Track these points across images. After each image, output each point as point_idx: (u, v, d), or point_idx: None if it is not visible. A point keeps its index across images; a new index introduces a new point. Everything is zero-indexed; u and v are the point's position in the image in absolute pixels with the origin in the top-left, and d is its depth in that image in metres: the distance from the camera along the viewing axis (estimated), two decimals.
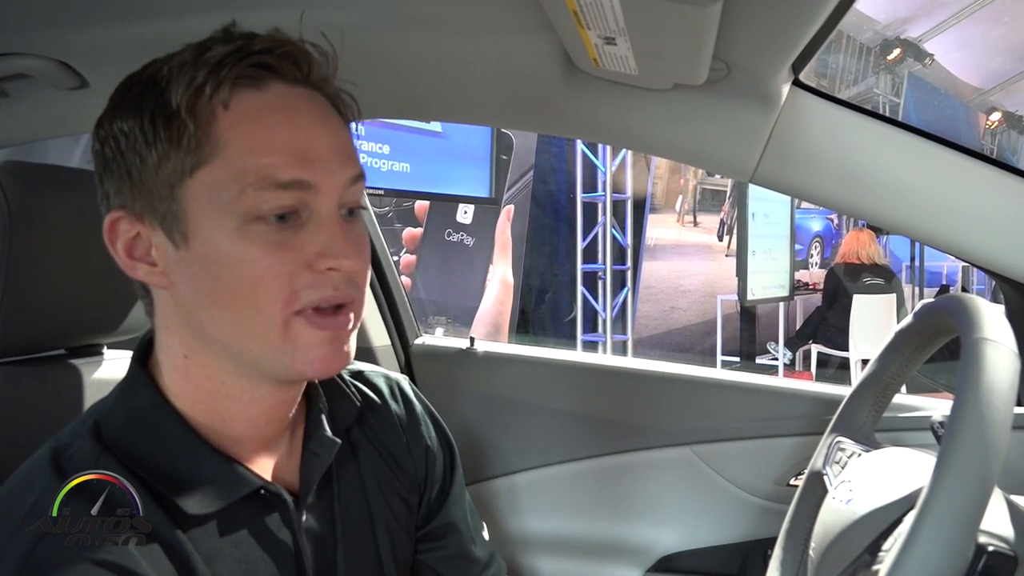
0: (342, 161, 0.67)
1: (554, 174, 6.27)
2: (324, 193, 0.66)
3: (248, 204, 0.63)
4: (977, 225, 0.93)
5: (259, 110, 0.64)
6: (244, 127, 0.64)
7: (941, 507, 0.56)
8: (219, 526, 0.68)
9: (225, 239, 0.64)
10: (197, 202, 0.64)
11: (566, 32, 0.78)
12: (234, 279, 0.64)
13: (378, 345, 1.46)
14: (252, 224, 0.64)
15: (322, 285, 0.66)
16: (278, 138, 0.64)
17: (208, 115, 0.63)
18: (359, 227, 0.70)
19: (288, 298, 0.65)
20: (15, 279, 0.86)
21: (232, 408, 0.71)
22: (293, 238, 0.65)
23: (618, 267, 6.18)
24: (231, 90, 0.64)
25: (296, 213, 0.65)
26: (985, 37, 8.73)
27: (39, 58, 0.98)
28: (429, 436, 0.90)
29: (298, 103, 0.66)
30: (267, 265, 0.64)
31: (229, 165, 0.63)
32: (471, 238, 2.41)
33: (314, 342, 0.66)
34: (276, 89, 0.66)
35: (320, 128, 0.67)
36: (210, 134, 0.63)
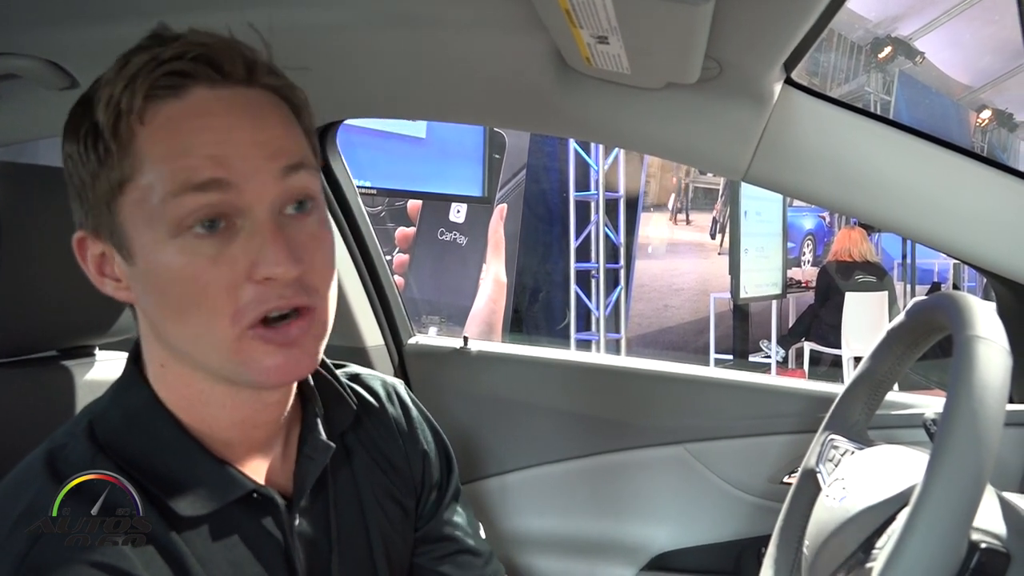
0: (268, 155, 0.64)
1: (547, 173, 6.27)
2: (251, 193, 0.63)
3: (171, 213, 0.62)
4: (968, 223, 0.93)
5: (176, 119, 0.63)
6: (160, 138, 0.62)
7: (934, 504, 0.56)
8: (212, 529, 0.68)
9: (162, 254, 0.63)
10: (130, 218, 0.64)
11: (558, 31, 0.78)
12: (178, 294, 0.63)
13: (371, 345, 1.45)
14: (183, 236, 0.62)
15: (266, 297, 0.63)
16: (193, 143, 0.62)
17: (127, 132, 0.62)
18: (309, 225, 0.67)
19: (235, 315, 0.63)
20: (6, 280, 0.86)
21: (216, 414, 0.70)
22: (227, 249, 0.63)
23: (611, 265, 6.19)
24: (145, 103, 0.62)
25: (228, 220, 0.63)
26: (975, 35, 8.77)
27: (29, 58, 0.98)
28: (426, 440, 0.89)
29: (216, 106, 0.64)
30: (206, 281, 0.62)
31: (150, 178, 0.62)
32: (464, 237, 2.41)
33: (267, 353, 0.65)
34: (195, 94, 0.63)
35: (241, 126, 0.64)
36: (131, 150, 0.62)
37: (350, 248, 1.43)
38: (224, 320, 0.63)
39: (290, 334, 0.65)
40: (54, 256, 0.90)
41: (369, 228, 1.48)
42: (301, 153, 0.67)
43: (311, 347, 0.67)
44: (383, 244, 1.55)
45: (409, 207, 2.32)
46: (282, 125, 0.67)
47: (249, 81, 0.66)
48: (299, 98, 0.70)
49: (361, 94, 1.13)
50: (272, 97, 0.68)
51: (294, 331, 0.65)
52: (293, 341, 0.65)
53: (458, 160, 2.16)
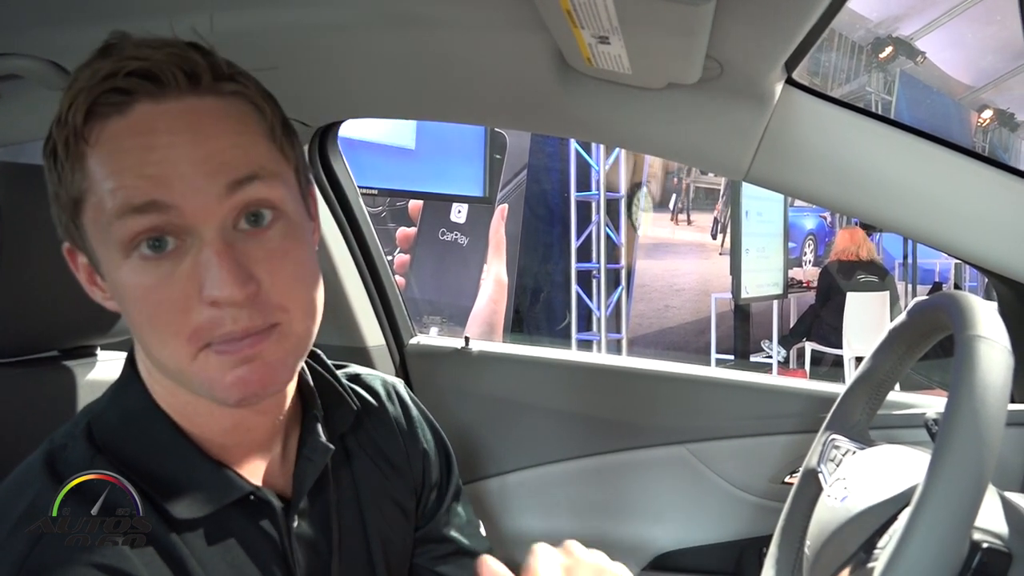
0: (210, 172, 0.60)
1: (548, 173, 6.27)
2: (193, 213, 0.60)
3: (117, 234, 0.60)
4: (970, 223, 0.93)
5: (118, 138, 0.60)
6: (102, 158, 0.60)
7: (936, 504, 0.56)
8: (210, 531, 0.67)
9: (118, 273, 0.62)
10: (91, 236, 0.63)
11: (559, 31, 0.78)
12: (136, 312, 0.63)
13: (372, 345, 1.46)
14: (132, 257, 0.61)
15: (220, 320, 0.61)
16: (131, 163, 0.60)
17: (77, 151, 0.61)
18: (268, 240, 0.63)
19: (191, 336, 0.61)
20: (7, 280, 0.86)
21: (206, 421, 0.70)
22: (176, 270, 0.61)
23: (612, 266, 6.19)
24: (90, 121, 0.60)
25: (176, 239, 0.61)
26: (976, 35, 8.76)
27: (31, 58, 0.98)
28: (426, 440, 0.89)
29: (159, 122, 0.60)
30: (157, 301, 0.61)
31: (96, 199, 0.61)
32: (465, 237, 2.41)
33: (226, 367, 0.62)
34: (138, 110, 0.61)
35: (182, 144, 0.60)
36: (82, 167, 0.61)
37: (351, 248, 1.43)
38: (180, 339, 0.61)
39: (249, 345, 0.62)
40: (55, 256, 0.89)
41: (370, 228, 1.48)
42: (254, 163, 0.63)
43: (277, 358, 0.64)
44: (384, 244, 1.55)
45: (410, 207, 2.32)
46: (230, 135, 0.63)
47: (194, 91, 0.62)
48: (259, 98, 0.66)
49: (362, 95, 1.13)
50: (224, 104, 0.63)
51: (252, 343, 0.62)
52: (254, 354, 0.62)
53: (459, 160, 2.16)
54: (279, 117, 0.68)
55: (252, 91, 0.66)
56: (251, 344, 0.62)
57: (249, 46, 0.77)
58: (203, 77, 0.62)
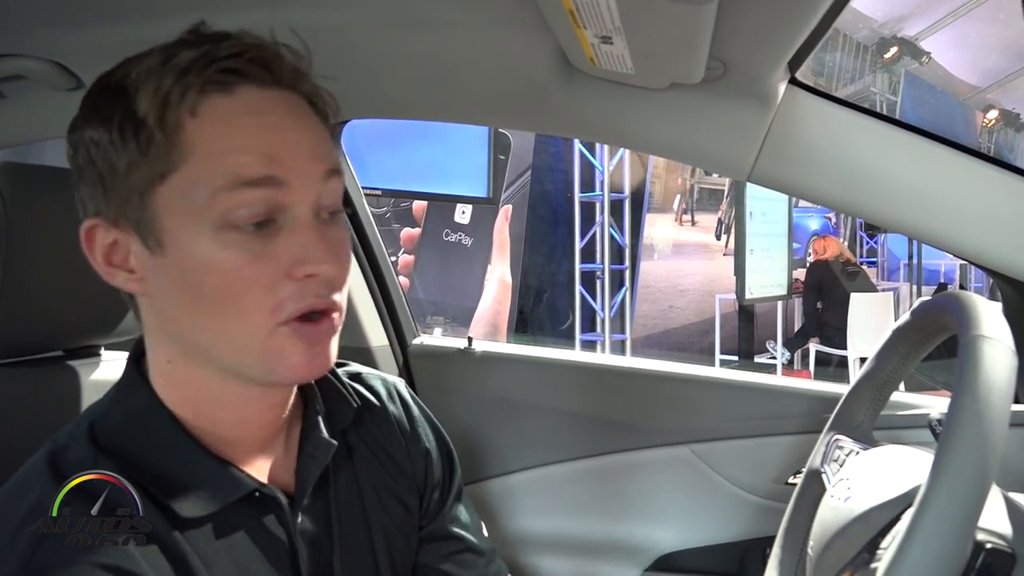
0: (313, 157, 0.66)
1: (552, 174, 6.28)
2: (297, 192, 0.64)
3: (220, 208, 0.62)
4: (975, 223, 0.93)
5: (227, 114, 0.63)
6: (212, 132, 0.63)
7: (939, 505, 0.56)
8: (215, 529, 0.68)
9: (201, 246, 0.63)
10: (169, 209, 0.63)
11: (562, 31, 0.78)
12: (214, 287, 0.63)
13: (376, 345, 1.46)
14: (228, 231, 0.63)
15: (304, 294, 0.65)
16: (246, 139, 0.63)
17: (175, 123, 0.62)
18: (338, 231, 0.69)
19: (273, 309, 0.64)
20: (12, 280, 0.86)
21: (220, 413, 0.70)
22: (270, 246, 0.64)
23: (616, 267, 6.19)
24: (198, 97, 0.63)
25: (272, 220, 0.64)
26: (982, 35, 8.75)
27: (35, 59, 0.98)
28: (427, 439, 0.89)
29: (267, 105, 0.65)
30: (247, 275, 0.63)
31: (198, 170, 0.63)
32: (469, 238, 2.41)
33: (296, 349, 0.66)
34: (245, 93, 0.64)
35: (290, 127, 0.66)
36: (177, 142, 0.62)
37: (355, 249, 1.43)
38: (262, 315, 0.64)
39: (322, 330, 0.67)
40: (60, 257, 0.90)
41: (374, 229, 1.48)
42: (337, 158, 0.69)
43: (331, 346, 0.69)
44: (388, 245, 1.55)
45: (414, 208, 2.32)
46: (319, 128, 0.69)
47: (293, 85, 0.68)
48: (330, 106, 0.72)
49: (365, 95, 1.13)
50: (308, 100, 0.70)
51: (325, 327, 0.67)
52: (324, 337, 0.67)
53: (463, 161, 2.16)
54: (335, 121, 0.73)
55: (324, 93, 0.71)
56: (323, 325, 0.66)
57: None
58: (298, 73, 0.68)
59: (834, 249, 6.72)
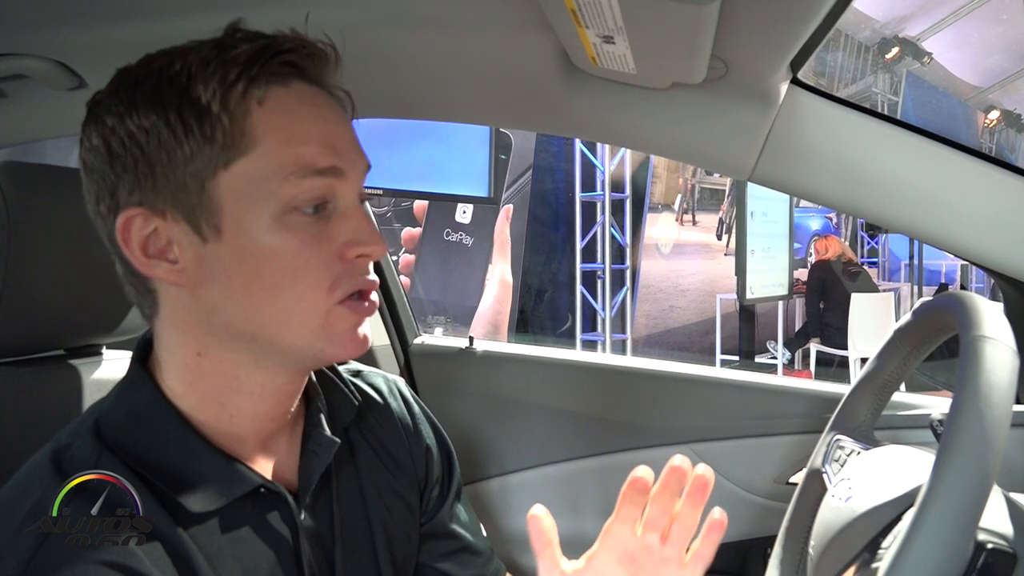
0: (360, 151, 0.71)
1: (553, 173, 6.28)
2: (350, 181, 0.69)
3: (288, 194, 0.65)
4: (976, 223, 0.93)
5: (290, 105, 0.67)
6: (278, 121, 0.66)
7: (940, 505, 0.56)
8: (219, 524, 0.68)
9: (263, 231, 0.65)
10: (232, 194, 0.65)
11: (564, 31, 0.78)
12: (274, 270, 0.66)
13: (377, 345, 1.46)
14: (290, 216, 0.65)
15: (355, 274, 0.69)
16: (311, 130, 0.67)
17: (242, 110, 0.65)
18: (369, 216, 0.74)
19: (330, 288, 0.67)
20: (14, 279, 0.86)
21: (242, 404, 0.71)
22: (325, 229, 0.67)
23: (617, 266, 6.18)
24: (264, 87, 0.66)
25: (324, 205, 0.68)
26: (983, 35, 8.74)
27: (37, 58, 0.98)
28: (428, 437, 0.90)
29: (320, 99, 0.70)
30: (306, 256, 0.66)
31: (266, 157, 0.65)
32: (470, 238, 2.41)
33: (348, 327, 0.69)
34: (299, 87, 0.68)
35: (341, 122, 0.71)
36: (244, 128, 0.65)
37: None
38: (321, 293, 0.67)
39: (368, 309, 0.71)
40: (62, 256, 0.90)
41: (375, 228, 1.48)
42: None
43: (368, 328, 0.72)
44: (389, 244, 1.55)
45: (415, 208, 2.32)
46: (350, 125, 0.73)
47: (328, 85, 0.72)
48: (352, 108, 0.75)
49: (367, 95, 1.13)
50: (342, 98, 0.74)
51: (370, 307, 0.71)
52: (364, 320, 0.71)
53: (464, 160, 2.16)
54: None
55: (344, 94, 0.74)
56: (367, 308, 0.71)
57: None
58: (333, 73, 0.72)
59: (836, 248, 6.73)
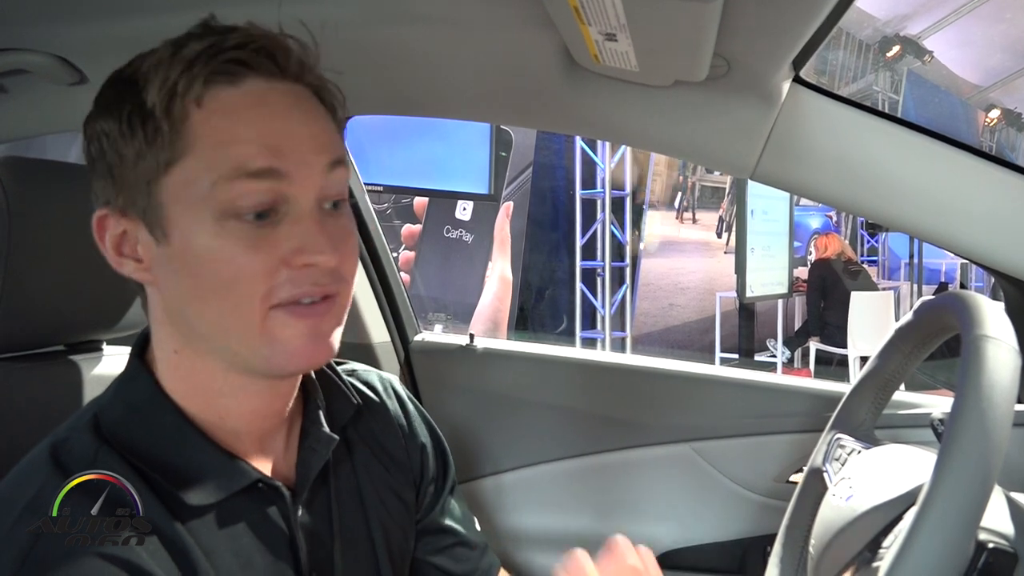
0: (317, 149, 0.67)
1: (553, 171, 6.27)
2: (300, 183, 0.65)
3: (222, 198, 0.63)
4: (976, 222, 0.93)
5: (232, 105, 0.64)
6: (216, 122, 0.64)
7: (942, 504, 0.56)
8: (216, 519, 0.68)
9: (202, 235, 0.64)
10: (173, 198, 0.64)
11: (567, 28, 0.78)
12: (212, 275, 0.64)
13: (378, 341, 1.46)
14: (228, 221, 0.63)
15: (300, 281, 0.65)
16: (249, 130, 0.64)
17: (181, 113, 0.63)
18: (342, 220, 0.70)
19: (265, 295, 0.64)
20: (14, 275, 0.86)
21: (227, 404, 0.71)
22: (271, 234, 0.64)
23: (617, 264, 6.18)
24: (204, 87, 0.64)
25: (274, 209, 0.65)
26: (985, 34, 8.74)
27: (38, 53, 0.98)
28: (423, 435, 0.90)
29: (271, 96, 0.66)
30: (244, 262, 0.64)
31: (201, 159, 0.63)
32: (470, 235, 2.41)
33: (293, 334, 0.66)
34: (251, 84, 0.65)
35: (293, 118, 0.66)
36: (182, 131, 0.63)
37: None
38: (254, 301, 0.64)
39: (317, 311, 0.67)
40: (62, 251, 0.90)
41: (376, 225, 1.48)
42: (340, 149, 0.70)
43: (332, 334, 0.69)
44: (390, 241, 1.55)
45: (415, 204, 2.32)
46: (324, 119, 0.70)
47: (299, 77, 0.69)
48: (337, 98, 0.72)
49: (368, 92, 1.13)
50: (315, 91, 0.71)
51: (321, 310, 0.67)
52: (317, 325, 0.67)
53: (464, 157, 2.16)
54: (343, 120, 0.74)
55: (330, 85, 0.72)
56: (316, 312, 0.67)
57: None
58: (306, 66, 0.69)
59: (836, 247, 6.72)
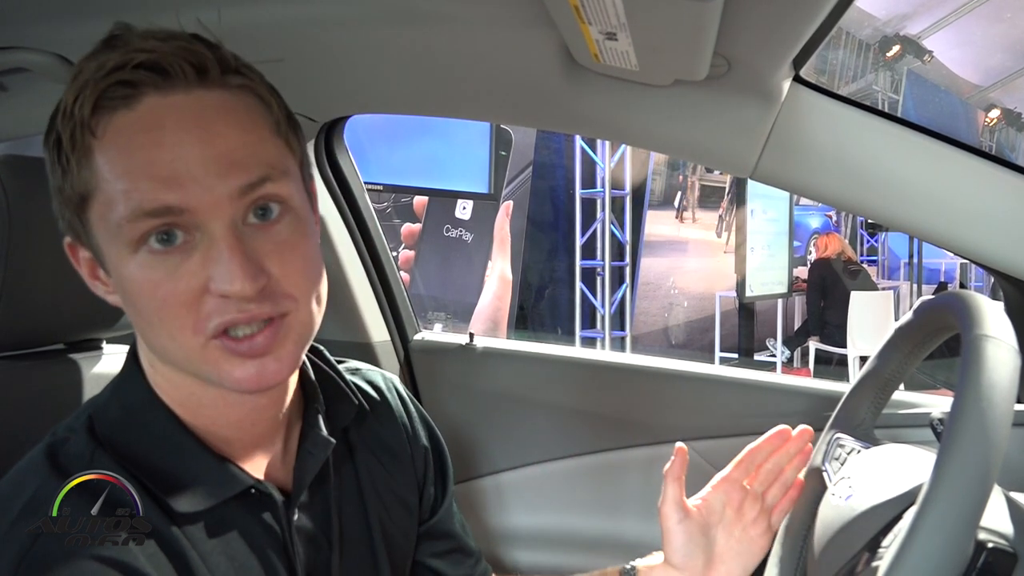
0: (221, 173, 0.60)
1: (553, 170, 6.27)
2: (205, 212, 0.60)
3: (127, 234, 0.60)
4: (976, 221, 0.93)
5: (127, 133, 0.60)
6: (112, 154, 0.60)
7: (941, 504, 0.56)
8: (211, 524, 0.67)
9: (126, 267, 0.62)
10: (96, 231, 0.63)
11: (567, 27, 0.78)
12: (143, 306, 0.62)
13: (377, 340, 1.46)
14: (141, 252, 0.61)
15: (226, 309, 0.61)
16: (142, 161, 0.59)
17: (83, 145, 0.60)
18: (276, 233, 0.63)
19: (195, 326, 0.62)
20: (14, 273, 0.86)
21: (212, 414, 0.70)
22: (185, 263, 0.61)
23: (616, 263, 6.18)
24: (96, 114, 0.60)
25: (185, 233, 0.61)
26: (985, 34, 8.74)
27: (37, 52, 0.98)
28: (424, 436, 0.90)
29: (167, 117, 0.60)
30: (165, 293, 0.61)
31: (105, 196, 0.60)
32: (470, 234, 2.41)
33: (234, 364, 0.63)
34: (146, 103, 0.60)
35: (192, 142, 0.60)
36: (89, 163, 0.60)
37: (356, 244, 1.43)
38: (186, 332, 0.62)
39: (255, 345, 0.63)
40: (62, 249, 0.90)
41: (376, 224, 1.48)
42: (264, 164, 0.63)
43: (285, 352, 0.65)
44: (389, 240, 1.55)
45: (415, 204, 2.32)
46: (240, 132, 0.62)
47: (202, 83, 0.62)
48: (266, 92, 0.66)
49: (368, 90, 1.13)
50: (232, 97, 0.63)
51: (259, 341, 0.63)
52: (261, 351, 0.63)
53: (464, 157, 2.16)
54: (284, 111, 0.67)
55: (258, 85, 0.66)
56: (256, 339, 0.63)
57: (255, 40, 0.77)
58: (211, 70, 0.62)
59: (836, 246, 6.73)
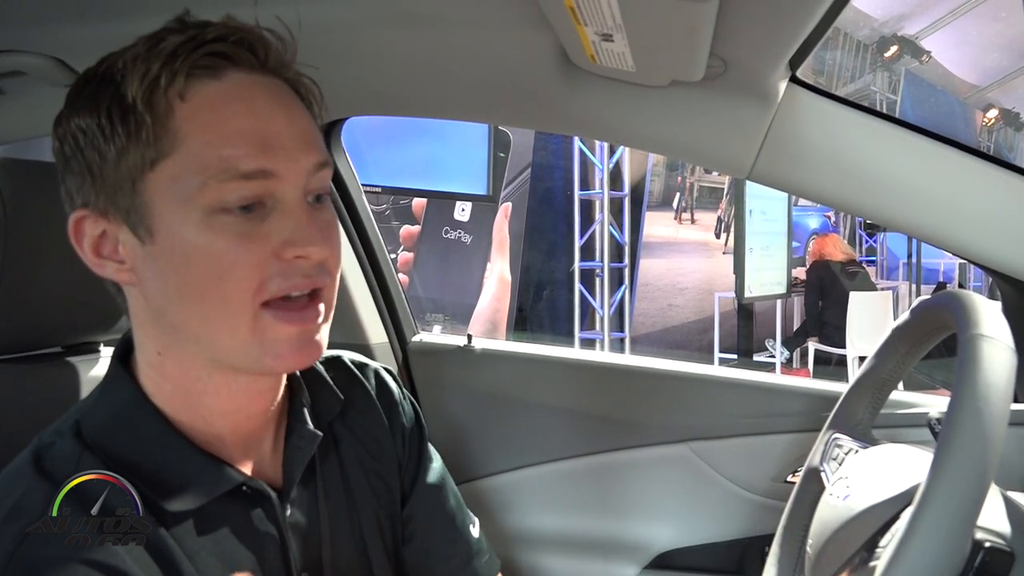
0: (304, 148, 0.66)
1: (551, 171, 6.27)
2: (288, 181, 0.65)
3: (212, 197, 0.62)
4: (974, 222, 0.93)
5: (217, 100, 0.63)
6: (202, 118, 0.63)
7: (938, 503, 0.56)
8: (201, 523, 0.67)
9: (190, 231, 0.63)
10: (159, 195, 0.63)
11: (563, 29, 0.78)
12: (201, 272, 0.63)
13: (376, 342, 1.46)
14: (217, 216, 0.63)
15: (291, 274, 0.65)
16: (238, 128, 0.63)
17: (165, 107, 0.62)
18: (326, 214, 0.69)
19: (257, 289, 0.64)
20: (11, 276, 0.86)
21: (211, 404, 0.70)
22: (259, 228, 0.64)
23: (615, 264, 6.18)
24: (187, 81, 0.62)
25: (261, 203, 0.64)
26: (982, 34, 8.75)
27: (35, 55, 0.98)
28: (407, 416, 0.90)
29: (256, 91, 0.65)
30: (234, 257, 0.63)
31: (190, 158, 0.62)
32: (469, 236, 2.41)
33: (282, 336, 0.66)
34: (233, 78, 0.64)
35: (280, 115, 0.66)
36: (168, 127, 0.62)
37: (355, 246, 1.43)
38: (246, 295, 0.64)
39: (307, 316, 0.66)
40: (60, 252, 0.90)
41: (374, 226, 1.48)
42: (324, 150, 0.69)
43: (320, 333, 0.68)
44: (388, 242, 1.55)
45: (414, 205, 2.32)
46: (307, 118, 0.69)
47: (279, 72, 0.68)
48: (314, 94, 0.72)
49: (366, 92, 1.13)
50: (295, 88, 0.70)
51: (311, 313, 0.67)
52: (306, 330, 0.67)
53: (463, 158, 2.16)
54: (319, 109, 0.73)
55: (307, 80, 0.71)
56: (305, 315, 0.66)
57: None
58: (284, 59, 0.68)
59: (829, 251, 6.72)
